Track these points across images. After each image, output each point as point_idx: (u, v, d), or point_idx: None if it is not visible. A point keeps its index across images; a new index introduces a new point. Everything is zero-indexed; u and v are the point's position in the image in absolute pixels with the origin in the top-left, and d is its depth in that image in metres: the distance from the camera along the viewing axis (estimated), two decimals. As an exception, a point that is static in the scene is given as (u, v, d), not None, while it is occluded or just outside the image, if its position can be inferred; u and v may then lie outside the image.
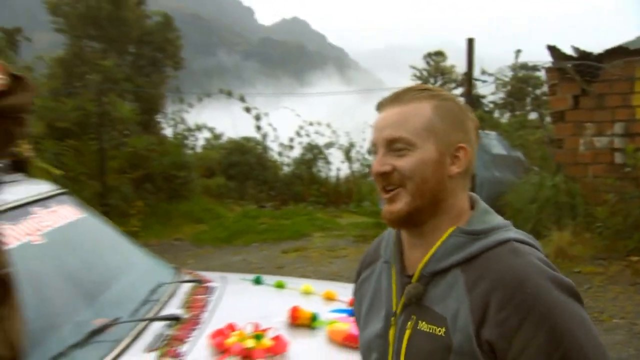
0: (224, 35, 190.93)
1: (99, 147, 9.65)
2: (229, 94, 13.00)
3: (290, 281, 3.06)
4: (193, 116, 12.87)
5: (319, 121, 13.11)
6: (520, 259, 1.02)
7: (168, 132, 12.69)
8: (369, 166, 14.14)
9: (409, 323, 1.10)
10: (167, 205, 10.44)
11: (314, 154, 12.98)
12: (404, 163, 1.09)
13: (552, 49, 7.63)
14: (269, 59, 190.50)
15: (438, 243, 1.09)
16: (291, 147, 13.27)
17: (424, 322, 1.07)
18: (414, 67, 19.98)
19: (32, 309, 1.95)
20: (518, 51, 15.01)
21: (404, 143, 1.09)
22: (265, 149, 13.18)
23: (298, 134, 13.21)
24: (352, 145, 12.86)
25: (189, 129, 12.89)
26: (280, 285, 2.98)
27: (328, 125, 13.09)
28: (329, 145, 13.03)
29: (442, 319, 1.04)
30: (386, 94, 1.18)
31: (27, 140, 2.69)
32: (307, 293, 2.82)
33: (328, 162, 13.09)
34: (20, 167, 2.61)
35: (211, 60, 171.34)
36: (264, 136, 13.10)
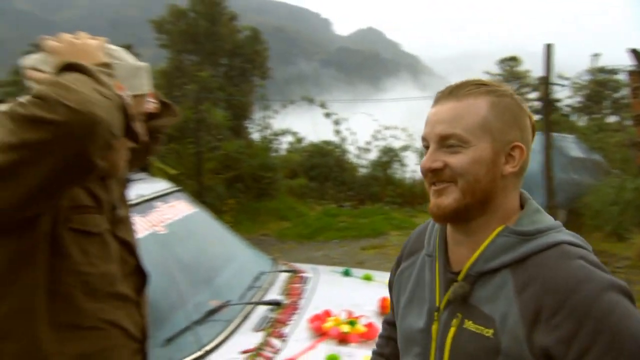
0: (304, 45, 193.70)
1: (196, 150, 10.14)
2: (310, 101, 13.22)
3: (376, 274, 3.11)
4: (278, 121, 13.20)
5: (394, 125, 13.05)
6: (572, 262, 0.94)
7: (256, 136, 13.10)
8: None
9: (454, 320, 1.03)
10: (255, 204, 10.79)
11: (389, 156, 12.93)
12: (457, 161, 1.01)
13: (634, 52, 7.18)
14: (346, 67, 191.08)
15: (486, 242, 1.01)
16: (368, 150, 13.31)
17: (470, 322, 1.01)
18: (488, 73, 19.41)
19: (160, 290, 2.14)
20: (596, 55, 14.22)
21: (458, 140, 1.01)
22: (344, 152, 13.29)
23: (375, 137, 13.22)
24: (427, 148, 12.66)
25: (275, 134, 13.24)
26: (368, 278, 3.04)
27: (403, 129, 13.00)
28: (405, 148, 12.94)
29: (490, 320, 0.97)
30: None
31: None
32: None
33: (403, 165, 12.99)
34: (144, 167, 2.85)
35: (292, 69, 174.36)
36: (343, 140, 13.22)
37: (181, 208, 2.73)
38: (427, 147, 1.06)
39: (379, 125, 13.14)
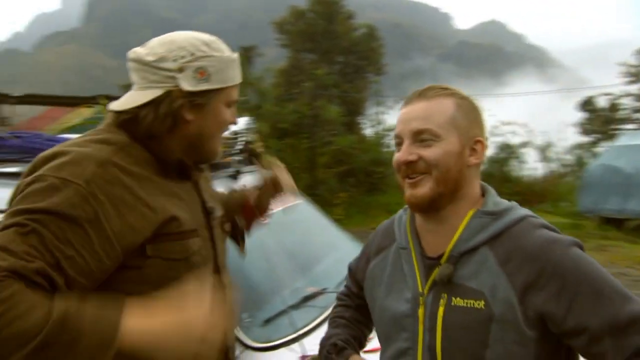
0: (421, 41, 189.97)
1: (310, 144, 10.45)
2: (425, 96, 12.98)
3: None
4: (391, 117, 13.15)
5: (514, 121, 12.37)
6: (538, 231, 1.09)
7: (368, 132, 13.17)
8: (566, 166, 12.92)
9: (441, 301, 1.11)
10: (366, 198, 10.87)
11: (507, 153, 12.29)
12: (430, 153, 1.11)
13: None
14: (465, 61, 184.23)
15: (463, 224, 1.13)
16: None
17: (458, 298, 1.10)
18: (624, 64, 17.59)
19: (261, 275, 2.28)
20: None
21: (430, 134, 1.11)
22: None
23: (492, 133, 12.64)
24: (549, 144, 11.86)
25: (387, 129, 13.21)
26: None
27: (523, 125, 12.28)
28: (524, 144, 12.22)
29: (479, 293, 1.07)
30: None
31: (259, 138, 3.10)
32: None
33: (522, 162, 12.28)
34: (253, 159, 3.02)
35: (408, 65, 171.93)
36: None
37: (285, 199, 2.85)
38: (399, 143, 1.16)
39: (497, 120, 12.56)
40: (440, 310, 1.11)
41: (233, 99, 1.33)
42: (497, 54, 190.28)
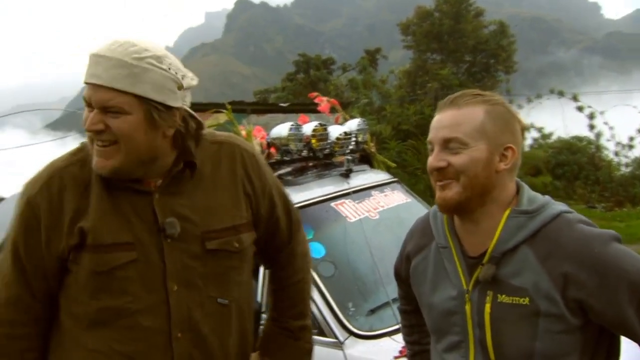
0: (564, 34, 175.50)
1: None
2: (561, 94, 12.11)
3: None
4: (523, 116, 12.46)
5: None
6: (576, 227, 1.14)
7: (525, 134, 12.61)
8: None
9: (487, 297, 1.18)
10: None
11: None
12: (458, 160, 1.17)
13: None
14: (616, 53, 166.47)
15: (500, 226, 1.17)
16: (631, 147, 11.56)
17: (504, 295, 1.16)
18: None
19: (368, 268, 2.41)
20: None
21: (458, 143, 1.17)
22: (599, 148, 11.81)
23: (640, 132, 11.41)
24: None
25: (517, 129, 12.55)
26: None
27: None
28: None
29: (523, 290, 1.13)
30: None
31: (372, 139, 3.23)
32: None
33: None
34: (366, 159, 3.16)
35: (546, 59, 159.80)
36: (598, 135, 11.76)
37: (395, 198, 2.95)
38: (432, 149, 1.22)
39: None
40: (487, 307, 1.17)
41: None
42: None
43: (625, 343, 1.20)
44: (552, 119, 12.92)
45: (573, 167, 11.62)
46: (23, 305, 1.29)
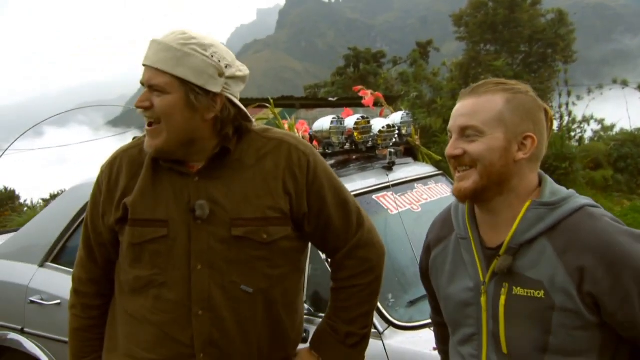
0: (630, 20, 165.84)
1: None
2: (625, 84, 11.52)
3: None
4: (581, 108, 11.94)
5: None
6: (599, 222, 1.11)
7: (554, 124, 12.17)
8: None
9: (503, 290, 1.17)
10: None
11: None
12: (474, 148, 1.17)
13: None
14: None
15: (520, 217, 1.16)
16: None
17: (519, 288, 1.15)
18: None
19: (408, 260, 2.42)
20: None
21: (474, 131, 1.17)
22: (666, 140, 11.16)
23: None
24: None
25: (575, 121, 12.04)
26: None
27: None
28: None
29: (538, 283, 1.12)
30: None
31: (417, 132, 3.22)
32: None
33: None
34: (411, 152, 3.16)
35: (612, 47, 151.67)
36: (665, 127, 11.12)
37: (438, 190, 2.94)
38: (451, 137, 1.23)
39: None
40: (502, 299, 1.17)
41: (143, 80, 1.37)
42: None
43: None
44: (615, 110, 12.32)
45: (637, 160, 11.03)
46: (87, 268, 1.53)
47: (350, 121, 2.65)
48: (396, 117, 2.98)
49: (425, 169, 3.04)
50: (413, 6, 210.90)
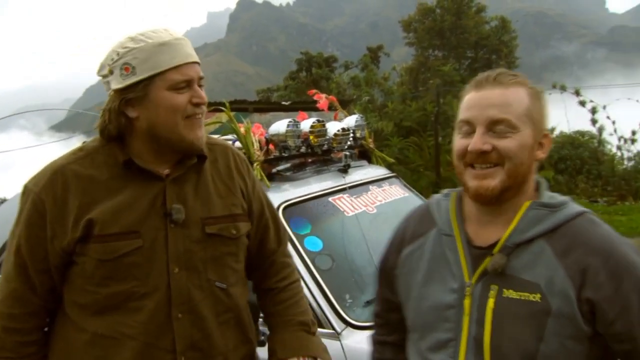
0: (567, 28, 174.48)
1: (435, 142, 10.36)
2: (563, 89, 12.09)
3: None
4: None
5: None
6: (601, 229, 1.07)
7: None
8: None
9: (491, 292, 1.08)
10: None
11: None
12: (507, 144, 1.06)
13: None
14: (620, 47, 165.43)
15: (519, 216, 1.09)
16: (633, 141, 11.55)
17: (511, 290, 1.06)
18: None
19: (365, 260, 2.46)
20: None
21: (508, 125, 1.06)
22: (601, 142, 11.81)
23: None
24: None
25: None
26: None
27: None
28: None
29: (535, 286, 1.04)
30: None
31: (371, 135, 3.28)
32: None
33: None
34: (365, 155, 3.21)
35: (551, 53, 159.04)
36: (600, 130, 11.76)
37: (392, 192, 2.99)
38: (468, 130, 1.11)
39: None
40: (490, 301, 1.08)
41: (176, 81, 1.30)
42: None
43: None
44: (554, 114, 12.89)
45: (575, 162, 11.61)
46: (23, 300, 1.34)
47: (305, 125, 2.67)
48: (350, 121, 3.02)
49: (379, 172, 3.09)
50: (363, 11, 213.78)
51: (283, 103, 3.77)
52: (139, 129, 1.33)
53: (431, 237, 1.23)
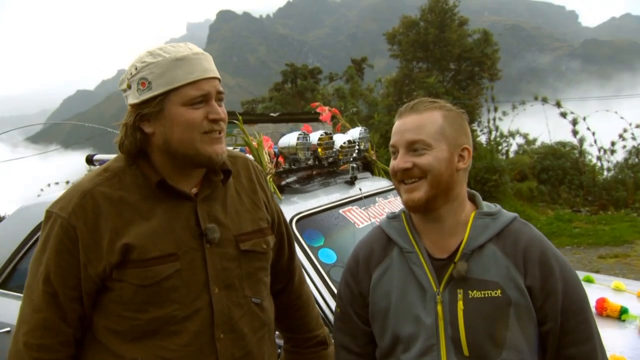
0: (542, 41, 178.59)
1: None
2: (545, 100, 12.37)
3: (601, 278, 2.95)
4: (506, 123, 12.67)
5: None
6: (531, 230, 1.32)
7: (482, 139, 12.82)
8: None
9: (459, 296, 1.25)
10: (480, 206, 10.59)
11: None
12: (423, 160, 1.26)
13: None
14: (593, 59, 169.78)
15: (469, 225, 1.29)
16: (613, 152, 11.85)
17: (475, 291, 1.25)
18: None
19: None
20: None
21: (423, 144, 1.27)
22: (582, 153, 12.08)
23: (622, 137, 11.70)
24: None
25: (503, 135, 12.76)
26: (588, 280, 2.90)
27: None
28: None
29: (495, 284, 1.24)
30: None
31: (373, 147, 3.31)
32: (618, 289, 2.69)
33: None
34: (368, 167, 3.24)
35: (527, 65, 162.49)
36: (581, 140, 12.03)
37: (398, 204, 3.03)
38: (395, 152, 1.32)
39: (629, 124, 11.61)
40: (460, 304, 1.24)
41: (192, 97, 1.27)
42: (633, 51, 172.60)
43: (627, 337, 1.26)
44: (536, 125, 13.17)
45: (557, 172, 11.84)
46: (54, 330, 1.28)
47: (313, 137, 2.68)
48: (355, 133, 3.05)
49: (383, 183, 3.12)
50: (343, 24, 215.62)
51: (271, 115, 3.79)
52: (155, 145, 1.31)
53: (394, 257, 1.36)
